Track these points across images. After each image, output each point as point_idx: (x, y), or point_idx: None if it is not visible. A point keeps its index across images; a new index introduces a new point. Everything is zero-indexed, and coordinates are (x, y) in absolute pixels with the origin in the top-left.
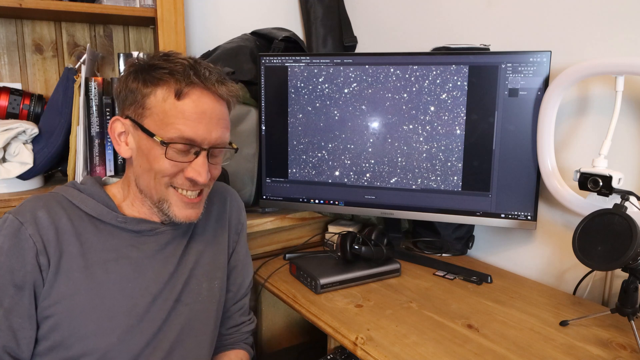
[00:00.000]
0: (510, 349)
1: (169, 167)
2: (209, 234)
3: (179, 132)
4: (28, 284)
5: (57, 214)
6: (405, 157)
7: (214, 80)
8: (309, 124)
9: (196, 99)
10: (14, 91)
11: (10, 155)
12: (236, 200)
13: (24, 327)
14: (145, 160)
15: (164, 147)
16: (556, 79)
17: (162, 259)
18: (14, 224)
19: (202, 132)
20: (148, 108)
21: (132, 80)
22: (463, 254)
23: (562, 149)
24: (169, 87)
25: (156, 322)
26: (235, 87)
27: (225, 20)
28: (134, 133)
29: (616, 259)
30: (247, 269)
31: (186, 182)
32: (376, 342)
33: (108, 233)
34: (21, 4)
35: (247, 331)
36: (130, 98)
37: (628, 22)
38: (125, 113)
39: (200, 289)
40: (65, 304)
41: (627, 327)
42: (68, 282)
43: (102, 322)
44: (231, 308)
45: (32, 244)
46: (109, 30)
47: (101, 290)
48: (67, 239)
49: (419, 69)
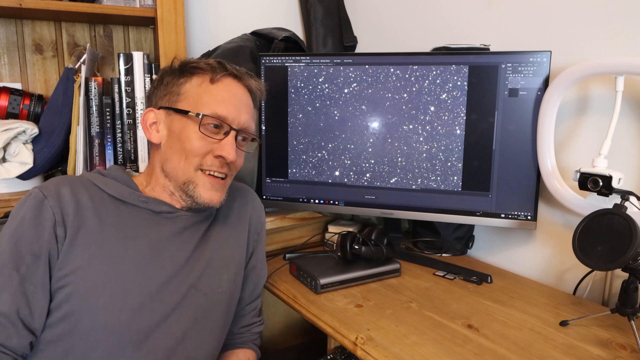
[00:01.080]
0: (510, 349)
1: (200, 145)
2: (229, 227)
3: (212, 109)
4: (44, 254)
5: (80, 192)
6: (405, 157)
7: (244, 72)
8: (309, 124)
9: (228, 84)
10: (14, 91)
11: (10, 155)
12: (257, 201)
13: (37, 296)
14: (177, 141)
15: (197, 123)
16: (556, 79)
17: (180, 243)
18: (38, 196)
19: (233, 112)
20: (182, 93)
21: (167, 75)
22: (463, 254)
23: (562, 149)
24: (205, 75)
25: (169, 305)
26: (262, 84)
27: (225, 20)
28: (166, 120)
29: (616, 259)
30: (264, 270)
31: (215, 161)
32: (376, 342)
33: (128, 213)
34: (21, 4)
35: (256, 332)
36: (164, 90)
37: (628, 22)
38: (159, 104)
39: (220, 280)
40: (80, 275)
41: (627, 327)
42: (84, 255)
43: (114, 297)
44: (246, 307)
45: (51, 214)
46: (109, 30)
47: (116, 265)
48: (87, 215)
49: (419, 69)
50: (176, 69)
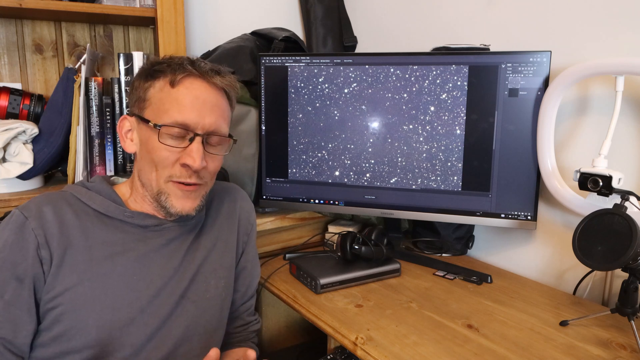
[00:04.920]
0: (510, 349)
1: (166, 156)
2: (217, 232)
3: (172, 117)
4: (28, 277)
5: (63, 210)
6: (405, 157)
7: (207, 69)
8: (309, 124)
9: (189, 85)
10: (14, 91)
11: (10, 155)
12: (246, 200)
13: (24, 320)
14: (146, 152)
15: (157, 132)
16: (556, 79)
17: (168, 254)
18: (19, 219)
19: (195, 117)
20: (147, 99)
21: (137, 79)
22: (463, 254)
23: (562, 149)
24: (166, 77)
25: (160, 317)
26: (231, 78)
27: (225, 20)
28: (137, 128)
29: (616, 259)
30: (255, 269)
31: (183, 170)
32: (376, 342)
33: (114, 228)
34: (21, 4)
35: (253, 330)
36: (134, 95)
37: (628, 22)
38: (131, 111)
39: (207, 286)
40: (69, 295)
41: (627, 327)
42: (72, 274)
43: (104, 314)
44: (239, 308)
45: (33, 238)
46: (109, 30)
47: (105, 282)
48: (73, 233)
49: (419, 69)
50: (144, 72)
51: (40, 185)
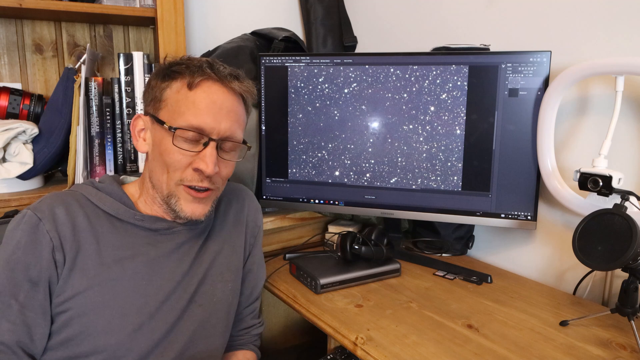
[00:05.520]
0: (510, 349)
1: (179, 159)
2: (225, 235)
3: (188, 121)
4: (43, 280)
5: (75, 211)
6: (405, 157)
7: (226, 73)
8: (309, 124)
9: (207, 89)
10: (14, 91)
11: (10, 155)
12: (254, 202)
13: (38, 322)
14: (158, 153)
15: (172, 135)
16: (556, 79)
17: (177, 258)
18: (32, 220)
19: (211, 121)
20: (164, 100)
21: (154, 78)
22: (463, 254)
23: (562, 149)
24: (184, 79)
25: (168, 322)
26: (249, 84)
27: (225, 20)
28: (151, 128)
29: (616, 259)
30: (261, 272)
31: (195, 174)
32: (376, 342)
33: (125, 231)
34: (21, 4)
35: (256, 334)
36: (150, 95)
37: (628, 22)
38: (146, 110)
39: (214, 290)
40: (79, 300)
41: (627, 327)
42: (83, 279)
43: (113, 319)
44: (243, 311)
45: (48, 240)
46: (109, 30)
47: (115, 287)
48: (84, 236)
49: (419, 69)
50: (161, 72)
51: (40, 185)
